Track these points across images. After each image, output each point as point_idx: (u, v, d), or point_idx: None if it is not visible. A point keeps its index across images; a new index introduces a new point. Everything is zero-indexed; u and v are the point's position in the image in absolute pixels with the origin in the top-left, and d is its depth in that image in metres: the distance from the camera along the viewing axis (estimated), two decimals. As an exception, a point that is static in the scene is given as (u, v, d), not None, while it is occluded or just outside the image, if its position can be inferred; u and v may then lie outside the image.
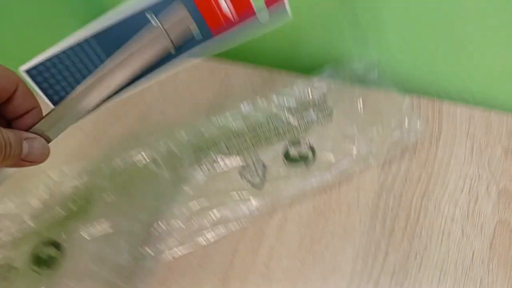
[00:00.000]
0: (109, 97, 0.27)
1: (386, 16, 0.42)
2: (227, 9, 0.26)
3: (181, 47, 0.27)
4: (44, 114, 0.27)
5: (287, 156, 0.42)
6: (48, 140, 0.27)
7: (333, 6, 0.43)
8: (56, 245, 0.41)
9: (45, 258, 0.41)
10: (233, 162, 0.42)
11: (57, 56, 0.26)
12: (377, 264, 0.35)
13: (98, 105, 0.27)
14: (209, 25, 0.26)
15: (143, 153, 0.43)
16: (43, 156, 0.26)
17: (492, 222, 0.36)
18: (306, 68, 0.48)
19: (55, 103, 0.27)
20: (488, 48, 0.40)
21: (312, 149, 0.42)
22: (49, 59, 0.26)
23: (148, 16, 0.25)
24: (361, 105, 0.42)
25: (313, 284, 0.35)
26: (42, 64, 0.26)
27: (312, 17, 0.46)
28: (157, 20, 0.25)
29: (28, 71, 0.26)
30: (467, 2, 0.37)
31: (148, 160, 0.43)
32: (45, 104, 0.27)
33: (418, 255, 0.35)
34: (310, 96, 0.44)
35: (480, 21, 0.38)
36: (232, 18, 0.26)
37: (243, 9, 0.26)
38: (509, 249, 0.34)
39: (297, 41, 0.50)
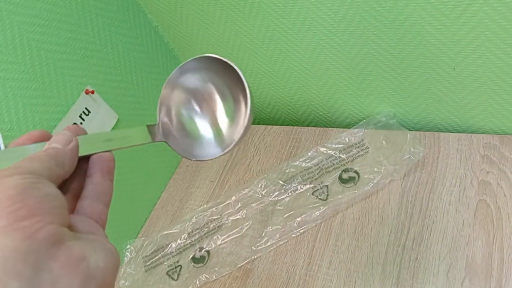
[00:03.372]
0: None
1: (399, 90, 0.66)
2: None
3: None
4: None
5: (341, 179, 0.66)
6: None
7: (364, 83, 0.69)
8: (204, 249, 0.67)
9: (199, 257, 0.67)
10: (306, 186, 0.67)
11: None
12: (403, 235, 0.57)
13: None
14: None
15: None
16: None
17: (475, 201, 0.56)
18: (349, 124, 0.74)
19: None
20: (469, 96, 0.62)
21: (357, 173, 0.65)
22: None
23: None
24: (385, 142, 0.65)
25: (365, 250, 0.57)
26: None
27: (352, 94, 0.72)
28: None
29: None
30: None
31: (253, 191, 0.69)
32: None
33: (429, 227, 0.56)
34: (353, 140, 0.69)
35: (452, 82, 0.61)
36: None
37: None
38: (485, 217, 0.54)
39: (343, 109, 0.76)
